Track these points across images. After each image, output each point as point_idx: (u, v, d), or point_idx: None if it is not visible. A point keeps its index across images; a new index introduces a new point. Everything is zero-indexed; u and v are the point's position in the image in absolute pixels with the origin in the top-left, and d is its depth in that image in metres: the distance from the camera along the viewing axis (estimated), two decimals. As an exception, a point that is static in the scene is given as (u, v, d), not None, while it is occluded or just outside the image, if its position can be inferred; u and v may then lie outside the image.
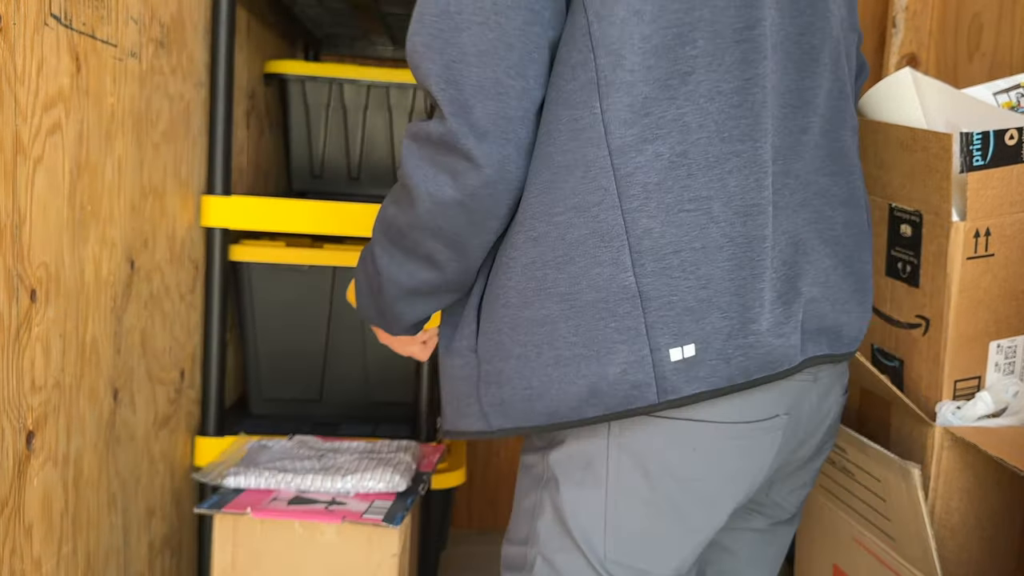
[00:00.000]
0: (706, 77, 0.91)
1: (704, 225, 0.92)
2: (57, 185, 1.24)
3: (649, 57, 0.90)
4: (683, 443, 0.95)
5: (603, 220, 0.91)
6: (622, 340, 0.91)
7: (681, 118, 0.91)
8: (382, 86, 2.37)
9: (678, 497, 0.96)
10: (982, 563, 1.31)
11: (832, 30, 1.02)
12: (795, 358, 0.98)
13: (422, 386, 1.96)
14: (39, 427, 1.22)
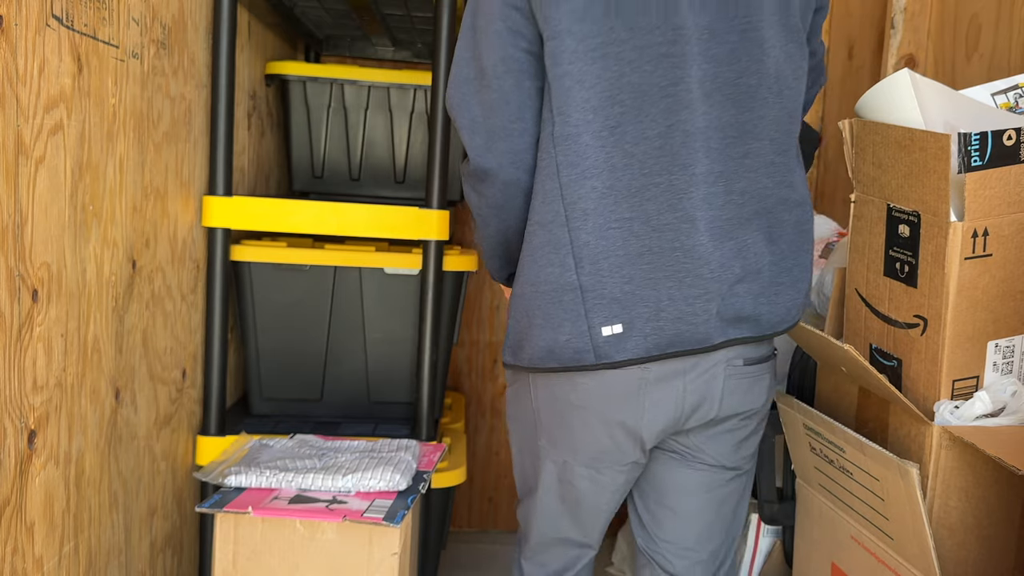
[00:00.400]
0: (632, 128, 1.24)
1: (626, 239, 1.25)
2: (59, 185, 1.25)
3: (588, 114, 1.24)
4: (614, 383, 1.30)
5: (555, 234, 1.27)
6: (568, 319, 1.27)
7: (609, 160, 1.25)
8: (383, 87, 2.38)
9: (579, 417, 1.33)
10: (980, 561, 1.31)
11: (768, 70, 1.27)
12: (710, 339, 1.28)
13: (422, 386, 1.97)
14: (41, 426, 1.23)
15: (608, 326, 1.26)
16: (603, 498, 1.42)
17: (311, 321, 2.06)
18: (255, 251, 2.00)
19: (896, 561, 1.31)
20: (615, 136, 1.24)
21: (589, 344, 1.26)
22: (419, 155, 2.42)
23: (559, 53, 1.23)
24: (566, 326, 1.27)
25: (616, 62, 1.23)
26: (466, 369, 3.01)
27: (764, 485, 1.74)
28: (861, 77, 2.53)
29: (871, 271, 1.44)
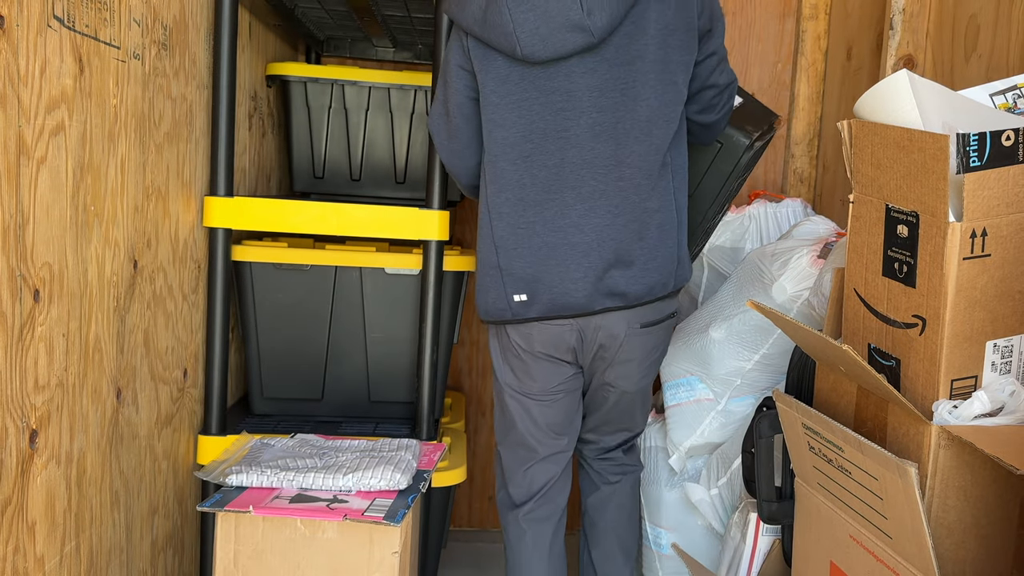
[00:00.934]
0: (536, 158, 1.75)
1: (530, 235, 1.77)
2: (60, 186, 1.25)
3: (506, 148, 1.76)
4: (524, 333, 1.83)
5: (484, 229, 1.81)
6: (493, 287, 1.81)
7: (520, 180, 1.76)
8: (383, 88, 2.38)
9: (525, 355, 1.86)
10: (978, 560, 1.31)
11: (640, 117, 1.74)
12: (590, 306, 1.78)
13: (423, 385, 1.97)
14: (42, 426, 1.23)
15: (517, 295, 1.79)
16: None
17: (312, 321, 2.07)
18: (256, 251, 2.02)
19: (895, 560, 1.32)
20: (524, 163, 1.75)
21: (507, 306, 1.80)
22: (419, 156, 2.42)
23: (487, 104, 1.75)
24: (492, 292, 1.81)
25: (527, 113, 1.73)
26: (466, 369, 3.01)
27: (763, 484, 1.75)
28: (860, 78, 2.53)
29: (870, 271, 1.45)
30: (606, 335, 1.82)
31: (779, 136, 2.99)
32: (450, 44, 1.80)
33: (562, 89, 1.71)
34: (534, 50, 1.67)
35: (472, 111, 1.78)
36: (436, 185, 1.93)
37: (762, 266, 2.24)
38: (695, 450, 2.34)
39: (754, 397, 2.26)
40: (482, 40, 1.71)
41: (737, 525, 2.03)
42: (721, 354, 2.28)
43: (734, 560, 1.99)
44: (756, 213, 2.60)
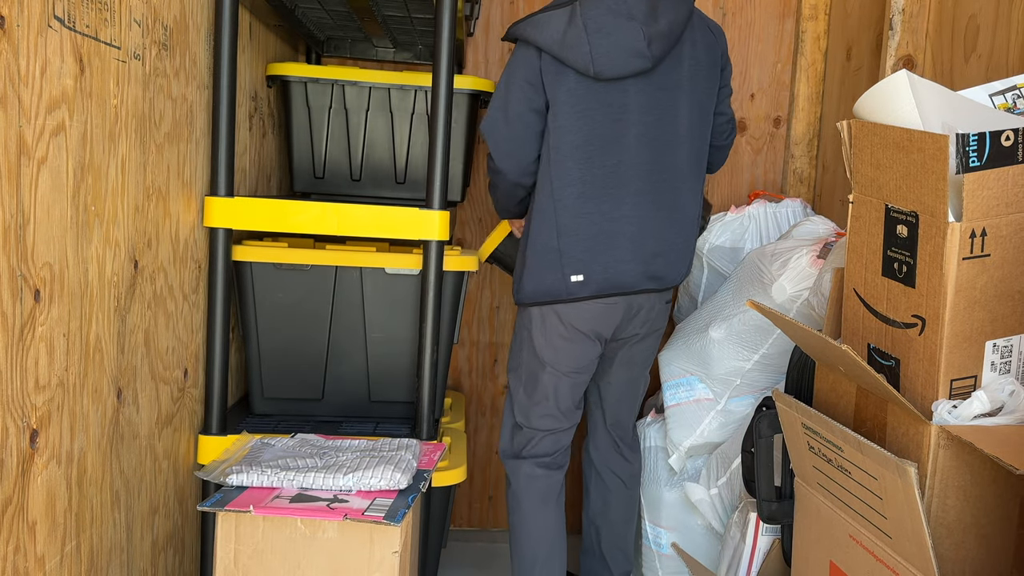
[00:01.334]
0: (596, 160, 2.08)
1: (589, 224, 2.09)
2: (61, 186, 1.25)
3: (572, 150, 2.08)
4: (575, 311, 2.13)
5: (546, 217, 2.10)
6: (551, 269, 2.10)
7: (582, 177, 2.09)
8: (383, 88, 2.38)
9: (570, 333, 2.15)
10: (978, 560, 1.31)
11: (680, 131, 2.14)
12: (636, 286, 2.13)
13: (423, 385, 1.97)
14: (43, 426, 1.23)
15: (575, 275, 2.08)
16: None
17: (312, 321, 2.07)
18: (257, 251, 2.02)
19: (894, 560, 1.32)
20: (586, 164, 2.08)
21: (564, 286, 2.09)
22: (420, 156, 2.42)
23: (557, 113, 2.06)
24: (549, 275, 2.09)
25: (590, 121, 2.07)
26: (466, 369, 3.01)
27: (762, 484, 1.75)
28: (859, 78, 2.53)
29: (869, 271, 1.45)
30: (646, 311, 2.20)
31: (779, 136, 2.99)
32: (516, 61, 2.09)
33: (619, 103, 2.07)
34: (603, 69, 2.03)
35: (531, 119, 2.08)
36: (436, 185, 1.93)
37: (762, 266, 2.24)
38: (695, 450, 2.34)
39: (753, 397, 2.26)
40: (558, 58, 2.03)
41: (737, 525, 2.03)
42: (721, 354, 2.28)
43: (734, 560, 1.99)
44: (756, 213, 2.60)
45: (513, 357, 2.27)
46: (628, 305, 2.16)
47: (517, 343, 2.25)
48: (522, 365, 2.21)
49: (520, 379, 2.22)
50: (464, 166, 2.47)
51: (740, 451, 2.00)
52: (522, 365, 2.21)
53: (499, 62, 2.93)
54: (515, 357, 2.25)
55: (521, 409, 2.23)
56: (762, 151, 3.00)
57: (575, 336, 2.14)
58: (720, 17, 2.93)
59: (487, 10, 2.90)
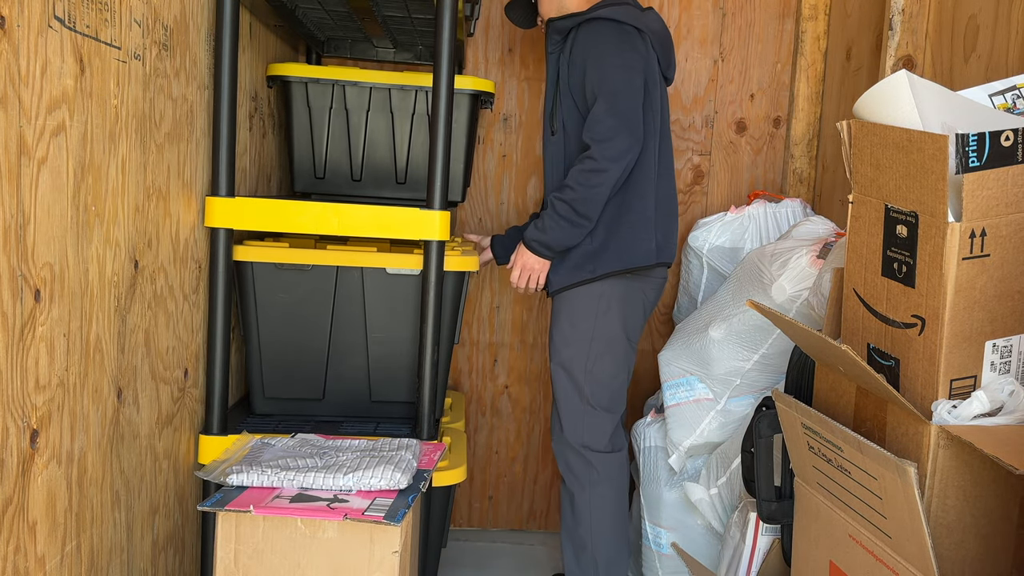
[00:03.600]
0: (666, 145, 2.41)
1: (669, 199, 2.39)
2: (61, 186, 1.26)
3: (662, 137, 2.37)
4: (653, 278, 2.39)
5: (646, 190, 2.31)
6: (645, 237, 2.31)
7: (667, 159, 2.40)
8: (384, 88, 2.39)
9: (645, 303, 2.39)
10: (978, 560, 1.31)
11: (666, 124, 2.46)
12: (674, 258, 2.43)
13: (424, 385, 1.97)
14: (43, 426, 1.23)
15: (655, 244, 2.31)
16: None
17: (313, 321, 2.07)
18: (258, 251, 2.02)
19: (894, 560, 1.32)
20: (666, 148, 2.39)
21: (654, 251, 2.30)
22: (420, 156, 2.42)
23: (663, 94, 2.40)
24: (643, 243, 2.29)
25: (663, 114, 2.39)
26: (466, 369, 3.02)
27: (762, 484, 1.75)
28: (859, 79, 2.53)
29: (869, 271, 1.45)
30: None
31: (779, 136, 2.99)
32: (632, 57, 2.22)
33: (665, 102, 2.41)
34: (670, 75, 2.43)
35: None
36: (437, 185, 1.93)
37: (761, 266, 2.24)
38: (695, 450, 2.34)
39: (753, 397, 2.26)
40: (653, 42, 2.30)
41: (737, 525, 2.03)
42: (720, 354, 2.28)
43: (734, 559, 1.99)
44: (755, 213, 2.60)
45: (576, 338, 2.30)
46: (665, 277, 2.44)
47: (584, 320, 2.30)
48: (595, 341, 2.29)
49: (594, 359, 2.29)
50: (464, 166, 2.47)
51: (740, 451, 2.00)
52: (595, 341, 2.29)
53: (499, 62, 2.93)
54: (580, 336, 2.30)
55: (602, 391, 2.31)
56: (762, 151, 3.00)
57: (645, 308, 2.36)
58: (720, 17, 2.93)
59: (487, 10, 2.90)
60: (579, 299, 2.31)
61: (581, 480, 2.32)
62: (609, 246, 2.27)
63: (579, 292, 2.30)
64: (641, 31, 2.27)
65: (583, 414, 2.31)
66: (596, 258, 2.28)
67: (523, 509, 3.09)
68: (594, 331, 2.30)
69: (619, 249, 2.27)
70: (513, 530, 3.07)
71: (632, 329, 2.35)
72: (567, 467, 2.36)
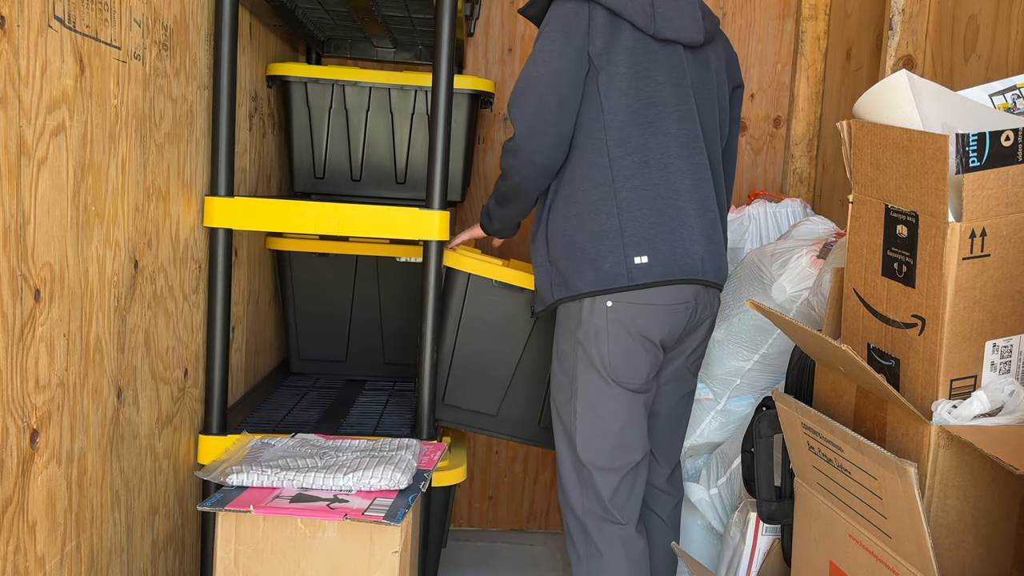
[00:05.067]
0: (659, 126, 1.86)
1: (654, 197, 1.83)
2: (61, 186, 1.25)
3: (631, 114, 1.84)
4: (645, 314, 1.83)
5: (603, 194, 1.83)
6: (611, 252, 1.81)
7: (646, 143, 1.85)
8: (384, 88, 2.39)
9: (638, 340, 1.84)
10: (978, 560, 1.31)
11: (714, 118, 1.96)
12: (703, 269, 1.86)
13: (423, 385, 1.97)
14: (43, 426, 1.23)
15: (638, 257, 1.80)
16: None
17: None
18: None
19: (894, 560, 1.32)
20: (649, 129, 1.87)
21: (624, 270, 1.79)
22: (420, 156, 2.42)
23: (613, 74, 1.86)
24: (608, 258, 1.80)
25: (652, 83, 1.87)
26: (467, 369, 3.01)
27: (762, 484, 1.75)
28: (859, 78, 2.53)
29: (869, 271, 1.45)
30: (705, 308, 1.92)
31: (779, 136, 2.99)
32: (557, 16, 1.84)
33: (679, 67, 1.88)
34: (664, 26, 1.85)
35: (575, 86, 1.83)
36: (436, 185, 1.93)
37: (761, 266, 2.24)
38: (695, 450, 2.34)
39: (753, 397, 2.26)
40: (613, 10, 1.82)
41: (737, 525, 2.03)
42: (720, 354, 2.28)
43: (734, 560, 1.99)
44: (756, 213, 2.60)
45: (559, 379, 1.90)
46: (696, 297, 1.86)
47: (562, 359, 1.89)
48: (575, 382, 1.86)
49: (577, 402, 1.86)
50: (464, 166, 2.47)
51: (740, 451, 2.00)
52: (575, 382, 1.86)
53: (499, 62, 2.93)
54: (562, 375, 1.89)
55: (586, 453, 1.87)
56: (762, 151, 3.00)
57: (636, 339, 1.82)
58: (720, 17, 2.93)
59: (487, 10, 2.90)
60: (559, 323, 1.92)
61: (578, 550, 1.93)
62: (566, 265, 1.85)
63: (559, 313, 1.91)
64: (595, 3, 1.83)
65: (577, 468, 1.90)
66: (557, 279, 1.88)
67: (523, 509, 3.09)
68: (576, 370, 1.86)
69: (581, 268, 1.83)
70: (513, 530, 3.07)
71: (624, 369, 1.84)
72: (566, 530, 1.98)
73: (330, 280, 2.46)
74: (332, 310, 2.49)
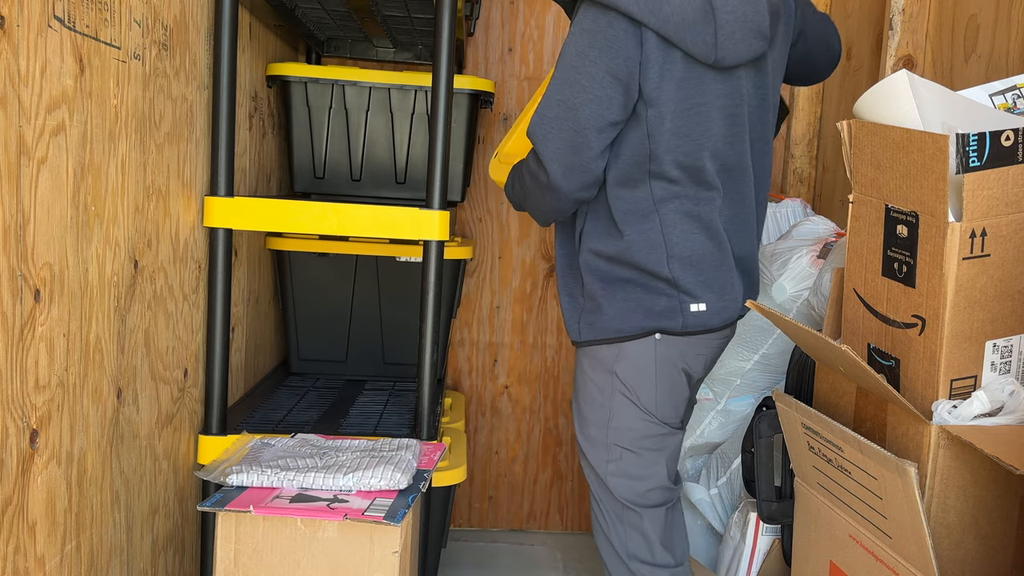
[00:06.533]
0: (711, 163, 1.66)
1: (705, 243, 1.67)
2: (61, 186, 1.25)
3: (682, 156, 1.63)
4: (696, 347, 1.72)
5: (651, 236, 1.66)
6: (664, 296, 1.68)
7: (696, 181, 1.66)
8: (383, 88, 2.38)
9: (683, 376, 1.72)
10: (978, 560, 1.31)
11: (767, 130, 1.77)
12: (741, 311, 1.75)
13: (423, 385, 1.97)
14: (43, 426, 1.23)
15: (695, 304, 1.66)
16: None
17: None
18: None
19: (894, 560, 1.32)
20: (698, 174, 1.69)
21: (681, 317, 1.66)
22: (420, 156, 2.42)
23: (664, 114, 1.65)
24: (661, 301, 1.67)
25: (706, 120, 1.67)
26: (466, 369, 3.01)
27: (762, 484, 1.75)
28: (859, 78, 2.53)
29: (869, 271, 1.45)
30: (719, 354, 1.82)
31: (779, 136, 2.99)
32: (598, 39, 1.57)
33: (736, 94, 1.66)
34: (726, 55, 1.60)
35: (613, 123, 1.60)
36: (436, 185, 1.93)
37: (762, 266, 2.24)
38: (695, 450, 2.34)
39: (753, 397, 2.26)
40: (668, 39, 1.56)
41: (737, 525, 2.03)
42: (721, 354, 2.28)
43: (734, 560, 1.99)
44: (756, 213, 2.60)
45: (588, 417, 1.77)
46: (724, 340, 1.78)
47: (591, 396, 1.75)
48: (611, 421, 1.72)
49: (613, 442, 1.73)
50: (464, 166, 2.47)
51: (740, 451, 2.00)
52: (611, 421, 1.72)
53: (499, 61, 2.93)
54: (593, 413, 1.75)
55: (626, 493, 1.75)
56: (762, 151, 2.99)
57: (681, 374, 1.72)
58: (720, 17, 2.93)
59: (487, 10, 2.90)
60: (587, 352, 1.77)
61: None
62: (606, 301, 1.71)
63: (588, 355, 1.76)
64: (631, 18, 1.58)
65: (618, 512, 1.77)
66: (592, 315, 1.73)
67: (523, 509, 3.09)
68: (612, 408, 1.72)
69: (628, 307, 1.69)
70: (513, 530, 3.07)
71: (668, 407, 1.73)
72: None
73: (330, 280, 2.45)
74: (332, 310, 2.48)
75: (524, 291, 2.98)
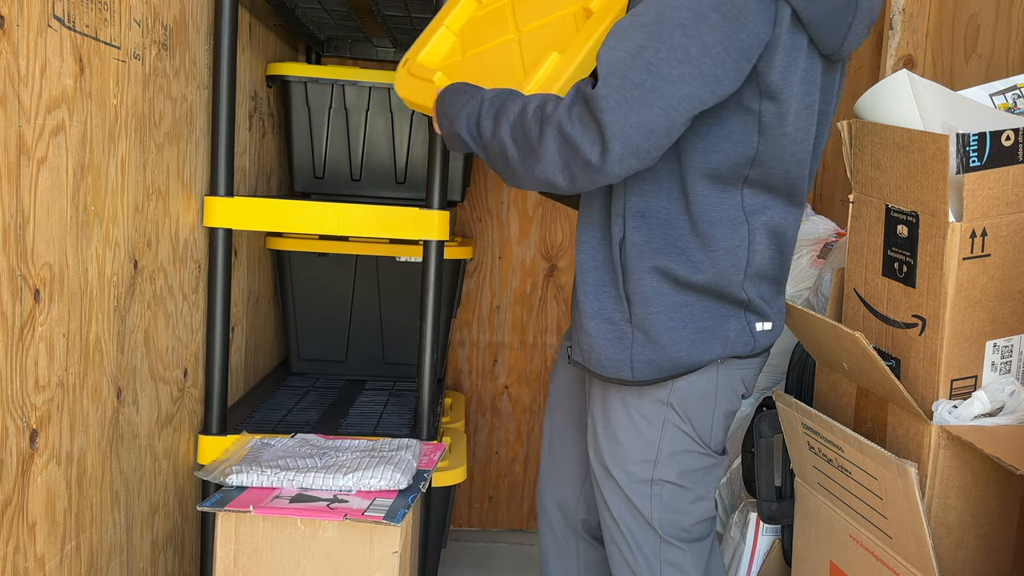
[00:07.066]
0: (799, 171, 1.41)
1: (778, 255, 1.45)
2: (60, 186, 1.25)
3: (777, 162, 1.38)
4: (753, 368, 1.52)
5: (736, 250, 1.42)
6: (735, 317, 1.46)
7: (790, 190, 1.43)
8: (384, 88, 2.38)
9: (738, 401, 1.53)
10: (978, 560, 1.31)
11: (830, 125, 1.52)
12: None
13: (423, 384, 1.97)
14: (43, 426, 1.23)
15: (760, 323, 1.46)
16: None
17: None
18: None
19: (894, 560, 1.32)
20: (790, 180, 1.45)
21: (751, 338, 1.45)
22: (420, 156, 2.42)
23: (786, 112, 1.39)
24: (733, 323, 1.44)
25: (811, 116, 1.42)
26: (466, 369, 3.01)
27: (763, 484, 1.75)
28: (860, 78, 2.53)
29: (869, 271, 1.45)
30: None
31: (779, 136, 2.99)
32: (718, 5, 1.23)
33: (830, 91, 1.42)
34: (850, 47, 1.37)
35: (702, 107, 1.26)
36: (436, 185, 1.93)
37: (762, 266, 2.24)
38: (695, 450, 2.34)
39: (753, 397, 2.26)
40: (804, 21, 1.29)
41: (737, 525, 2.03)
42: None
43: (734, 560, 1.99)
44: (756, 213, 2.60)
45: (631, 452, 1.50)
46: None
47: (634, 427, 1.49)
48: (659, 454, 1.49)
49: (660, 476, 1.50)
50: (464, 166, 2.47)
51: (740, 451, 2.00)
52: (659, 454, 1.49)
53: (499, 62, 2.92)
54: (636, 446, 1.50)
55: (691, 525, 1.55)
56: (762, 151, 2.99)
57: (737, 399, 1.54)
58: (720, 17, 2.93)
59: (487, 10, 2.90)
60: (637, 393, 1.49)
61: None
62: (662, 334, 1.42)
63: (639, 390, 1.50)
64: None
65: (660, 551, 1.54)
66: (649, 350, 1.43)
67: (523, 509, 3.08)
68: (661, 440, 1.49)
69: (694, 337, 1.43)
70: (513, 530, 3.07)
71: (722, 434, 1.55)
72: None
73: (330, 280, 2.44)
74: (332, 310, 2.47)
75: (524, 291, 2.98)
